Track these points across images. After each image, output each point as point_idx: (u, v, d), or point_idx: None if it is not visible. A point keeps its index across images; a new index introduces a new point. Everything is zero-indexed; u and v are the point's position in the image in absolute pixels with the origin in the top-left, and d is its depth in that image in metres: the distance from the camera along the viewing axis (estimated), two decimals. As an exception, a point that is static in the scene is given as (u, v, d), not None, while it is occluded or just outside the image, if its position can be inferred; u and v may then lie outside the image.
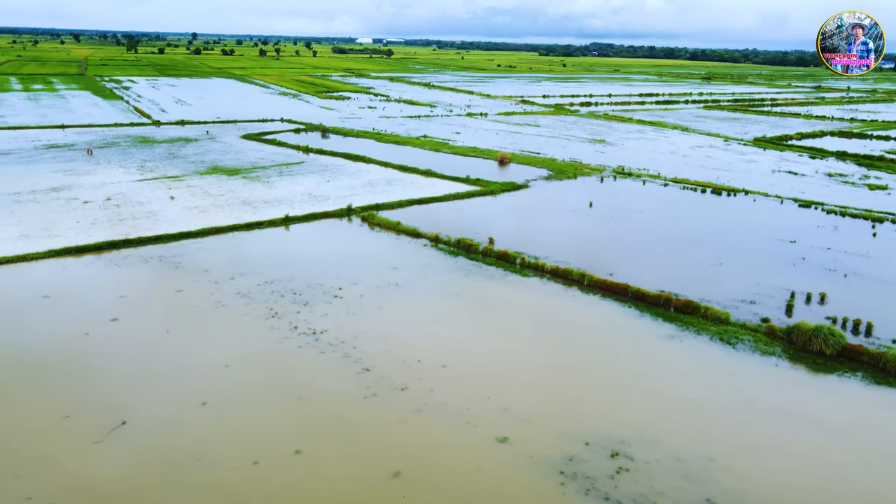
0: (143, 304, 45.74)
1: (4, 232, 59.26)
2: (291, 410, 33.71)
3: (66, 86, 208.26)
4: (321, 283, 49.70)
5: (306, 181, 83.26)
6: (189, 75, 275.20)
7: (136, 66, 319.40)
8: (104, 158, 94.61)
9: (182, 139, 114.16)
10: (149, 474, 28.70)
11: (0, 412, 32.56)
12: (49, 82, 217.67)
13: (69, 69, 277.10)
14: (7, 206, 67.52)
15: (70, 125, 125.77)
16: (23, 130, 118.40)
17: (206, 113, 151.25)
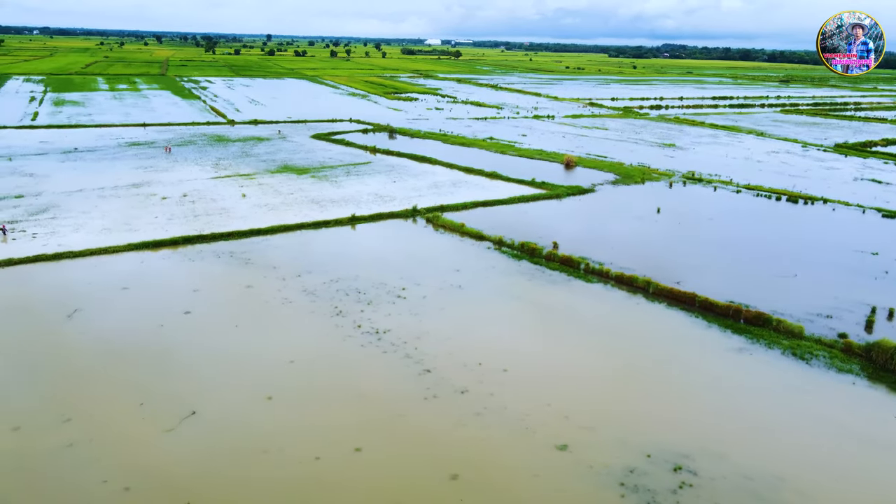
0: (214, 298, 47.34)
1: (89, 225, 62.36)
2: (353, 408, 34.27)
3: (149, 86, 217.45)
4: (385, 283, 50.33)
5: (373, 181, 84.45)
6: (263, 76, 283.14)
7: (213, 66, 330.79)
8: (181, 156, 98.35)
9: (255, 138, 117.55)
10: (216, 464, 29.71)
11: (82, 397, 34.29)
12: (133, 82, 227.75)
13: (151, 70, 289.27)
14: (92, 201, 71.01)
15: (151, 123, 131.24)
16: (108, 128, 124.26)
17: (278, 113, 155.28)
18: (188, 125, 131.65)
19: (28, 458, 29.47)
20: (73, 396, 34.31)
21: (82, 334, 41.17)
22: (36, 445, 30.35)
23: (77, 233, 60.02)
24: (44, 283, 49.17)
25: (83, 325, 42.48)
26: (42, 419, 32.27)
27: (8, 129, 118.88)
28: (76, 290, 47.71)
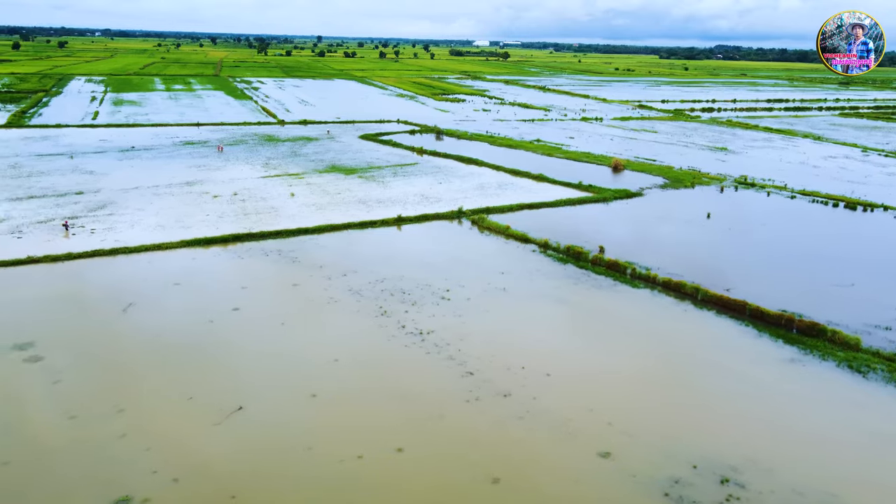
0: (262, 295, 48.23)
1: (144, 222, 64.26)
2: (395, 408, 34.49)
3: (203, 86, 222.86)
4: (430, 284, 50.51)
5: (419, 182, 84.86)
6: (313, 77, 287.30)
7: (265, 67, 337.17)
8: (233, 155, 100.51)
9: (304, 138, 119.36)
10: (261, 459, 30.25)
11: (135, 389, 35.34)
12: (188, 83, 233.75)
13: (206, 70, 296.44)
14: (147, 198, 73.14)
15: (204, 123, 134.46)
16: (163, 127, 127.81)
17: (327, 113, 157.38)
18: (240, 125, 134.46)
19: (83, 446, 30.50)
20: (126, 388, 35.38)
21: (136, 328, 42.43)
22: (90, 434, 31.38)
23: (132, 229, 61.89)
24: (101, 277, 50.83)
25: (137, 319, 43.77)
26: (97, 409, 33.36)
27: (70, 127, 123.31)
28: (131, 284, 49.19)
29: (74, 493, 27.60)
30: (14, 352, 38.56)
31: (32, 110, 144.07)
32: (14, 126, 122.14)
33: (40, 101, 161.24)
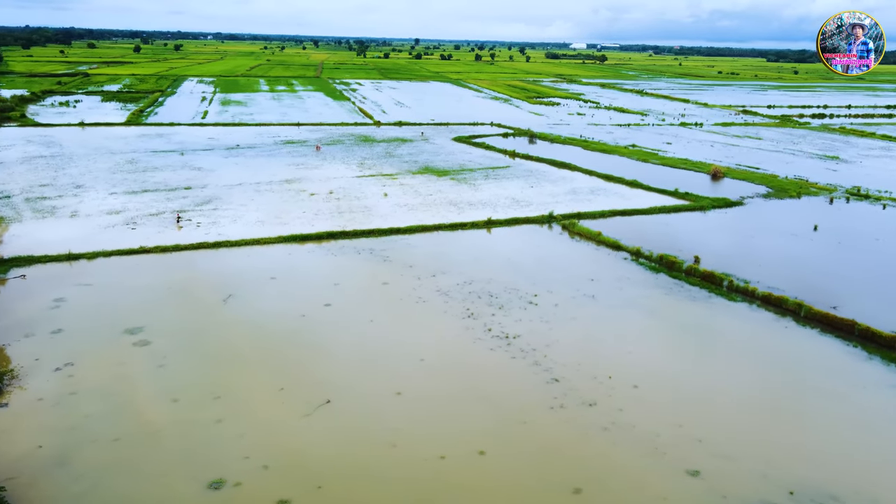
0: (353, 292, 49.48)
1: (245, 217, 67.25)
2: (478, 411, 34.58)
3: (304, 87, 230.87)
4: (517, 289, 50.33)
5: (511, 185, 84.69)
6: (409, 79, 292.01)
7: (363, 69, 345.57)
8: (330, 155, 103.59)
9: (398, 139, 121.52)
10: (346, 453, 31.05)
11: (231, 378, 37.07)
12: (290, 84, 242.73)
13: (307, 72, 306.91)
14: (249, 195, 76.50)
15: (304, 123, 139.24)
16: (266, 127, 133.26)
17: (421, 115, 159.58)
18: (337, 125, 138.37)
19: (182, 428, 32.27)
20: (223, 375, 37.15)
21: (234, 319, 44.48)
22: (190, 417, 33.16)
23: (234, 224, 64.89)
24: (204, 268, 53.58)
25: (236, 310, 45.87)
26: (196, 394, 35.21)
27: (182, 126, 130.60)
28: (231, 277, 51.59)
29: (174, 472, 29.23)
30: (125, 335, 41.26)
31: (149, 109, 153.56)
32: (132, 124, 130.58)
33: (156, 100, 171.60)
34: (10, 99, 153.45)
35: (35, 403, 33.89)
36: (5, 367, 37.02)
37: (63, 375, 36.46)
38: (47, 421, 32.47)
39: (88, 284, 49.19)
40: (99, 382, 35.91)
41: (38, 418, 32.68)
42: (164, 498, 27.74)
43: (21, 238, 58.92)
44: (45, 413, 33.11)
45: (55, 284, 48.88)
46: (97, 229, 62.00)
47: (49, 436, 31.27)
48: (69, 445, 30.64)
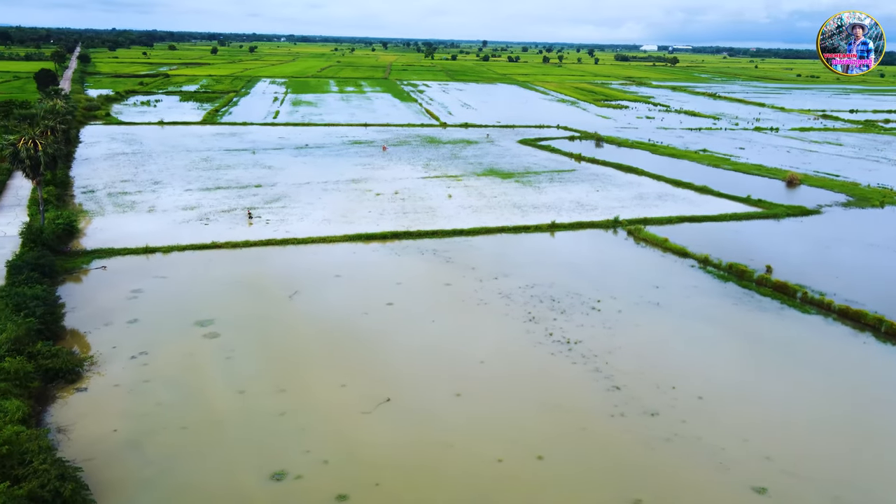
0: (415, 292, 49.90)
1: (313, 215, 68.74)
2: (537, 415, 34.35)
3: (372, 88, 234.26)
4: (580, 294, 49.76)
5: (576, 189, 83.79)
6: (476, 80, 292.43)
7: (430, 71, 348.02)
8: (396, 155, 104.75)
9: (464, 141, 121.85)
10: (404, 451, 31.35)
11: (295, 372, 37.95)
12: (359, 85, 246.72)
13: (376, 74, 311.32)
14: (317, 193, 78.14)
15: (371, 124, 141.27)
16: (335, 127, 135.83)
17: (487, 117, 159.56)
18: (404, 126, 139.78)
19: (248, 419, 33.23)
20: (287, 369, 38.08)
21: (299, 314, 45.53)
22: (255, 409, 34.13)
23: (302, 221, 66.40)
24: (272, 264, 55.02)
25: (301, 306, 46.95)
26: (262, 386, 36.21)
27: (254, 125, 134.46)
28: (297, 273, 52.82)
29: (238, 461, 30.14)
30: (196, 327, 42.79)
31: (224, 109, 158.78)
32: (208, 123, 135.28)
33: (231, 100, 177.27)
34: (97, 98, 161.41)
35: (112, 389, 35.53)
36: (86, 354, 38.96)
37: (138, 363, 38.10)
38: (122, 406, 34.00)
39: (163, 277, 51.24)
40: (171, 372, 37.37)
41: (114, 404, 34.25)
42: (228, 486, 28.64)
43: (103, 231, 61.84)
44: (121, 399, 34.67)
45: (133, 276, 51.11)
46: (173, 224, 64.50)
47: (123, 421, 32.73)
48: (141, 431, 32.00)
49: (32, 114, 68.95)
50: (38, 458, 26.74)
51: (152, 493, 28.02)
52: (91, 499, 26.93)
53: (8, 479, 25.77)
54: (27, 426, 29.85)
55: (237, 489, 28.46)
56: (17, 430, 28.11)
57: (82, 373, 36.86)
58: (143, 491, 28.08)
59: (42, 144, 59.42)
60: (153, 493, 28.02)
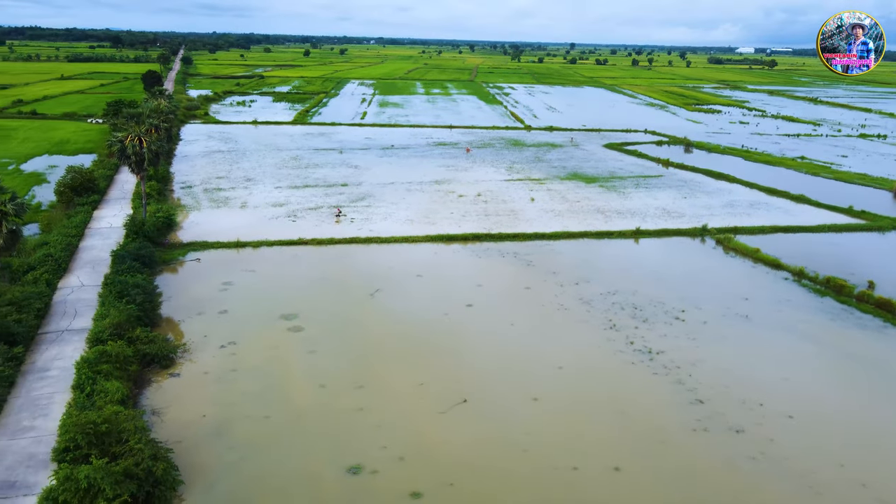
0: (494, 294, 49.86)
1: (396, 215, 69.81)
2: (615, 425, 33.66)
3: (458, 91, 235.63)
4: (663, 302, 48.43)
5: (662, 195, 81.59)
6: (562, 83, 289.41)
7: (516, 73, 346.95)
8: (479, 158, 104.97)
9: (548, 144, 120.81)
10: (479, 453, 31.37)
11: (374, 369, 38.64)
12: (445, 87, 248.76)
13: (462, 76, 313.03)
14: (400, 194, 79.31)
15: (456, 126, 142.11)
16: (420, 129, 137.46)
17: (572, 120, 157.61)
18: (488, 129, 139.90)
19: (327, 413, 34.10)
20: (367, 366, 38.82)
21: (380, 312, 46.33)
22: (334, 403, 34.97)
23: (385, 221, 67.55)
24: (356, 262, 56.23)
25: (382, 304, 47.76)
26: (341, 382, 37.06)
27: (342, 125, 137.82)
28: (379, 272, 53.76)
29: (316, 453, 30.97)
30: (281, 321, 44.26)
31: (314, 110, 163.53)
32: (298, 123, 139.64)
33: (321, 101, 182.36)
34: (197, 98, 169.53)
35: (202, 376, 37.23)
36: (179, 341, 40.99)
37: (226, 353, 39.76)
38: (211, 393, 35.56)
39: (252, 271, 53.25)
40: (256, 362, 38.80)
41: (204, 390, 35.87)
42: (306, 477, 29.47)
43: (198, 225, 64.88)
44: (210, 386, 36.27)
45: (224, 269, 53.37)
46: (262, 220, 66.95)
47: (211, 407, 34.23)
48: (227, 418, 33.37)
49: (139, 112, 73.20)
50: (134, 438, 28.32)
51: (234, 478, 29.17)
52: (180, 479, 28.32)
53: (106, 456, 27.42)
54: (125, 407, 31.69)
55: (314, 480, 29.25)
56: (116, 409, 29.88)
57: (176, 359, 38.80)
58: (227, 475, 29.27)
59: (147, 142, 62.91)
60: (235, 478, 29.17)
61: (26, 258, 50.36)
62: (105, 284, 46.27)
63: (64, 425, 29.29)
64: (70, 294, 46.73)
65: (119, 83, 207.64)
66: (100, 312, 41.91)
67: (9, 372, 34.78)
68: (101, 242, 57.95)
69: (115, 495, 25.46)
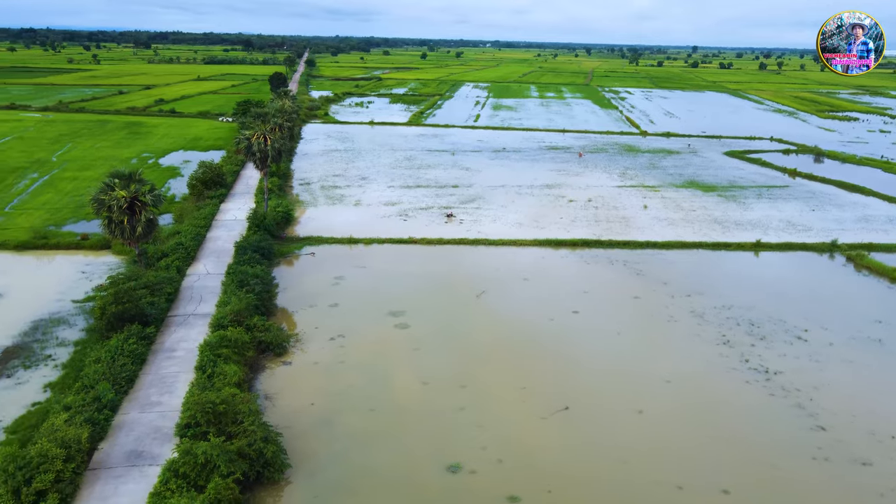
0: (601, 302, 48.83)
1: (505, 218, 69.80)
2: (725, 445, 32.10)
3: (572, 94, 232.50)
4: (784, 320, 45.70)
5: (787, 207, 77.00)
6: (682, 88, 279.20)
7: (634, 77, 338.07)
8: (592, 163, 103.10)
9: (664, 151, 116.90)
10: (579, 462, 30.83)
11: (477, 369, 38.82)
12: (559, 91, 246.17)
13: (577, 80, 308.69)
14: (510, 197, 79.23)
15: (569, 130, 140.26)
16: (532, 132, 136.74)
17: (691, 126, 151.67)
18: (602, 133, 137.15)
19: (429, 410, 34.59)
20: (470, 367, 39.06)
21: (486, 314, 46.48)
22: (437, 401, 35.43)
23: (494, 223, 67.68)
24: (463, 263, 56.70)
25: (488, 305, 47.91)
26: (444, 380, 37.50)
27: (455, 127, 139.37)
28: (486, 273, 53.93)
29: (417, 449, 31.50)
30: (389, 317, 45.33)
31: (428, 111, 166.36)
32: (413, 124, 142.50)
33: (435, 103, 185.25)
34: (318, 99, 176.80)
35: (312, 366, 38.77)
36: (292, 331, 42.88)
37: (336, 345, 41.19)
38: (320, 383, 36.96)
39: (363, 267, 54.87)
40: (363, 356, 39.96)
41: (313, 380, 37.34)
42: (406, 471, 30.04)
43: (314, 220, 67.60)
44: (319, 376, 37.71)
45: (337, 264, 55.32)
46: (374, 218, 68.83)
47: (320, 396, 35.58)
48: (334, 408, 34.56)
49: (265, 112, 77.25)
50: (248, 420, 29.94)
51: (339, 467, 30.17)
52: (288, 463, 29.64)
53: (223, 435, 29.12)
54: (241, 390, 33.53)
55: (414, 475, 29.76)
56: (232, 391, 31.68)
57: (288, 348, 40.62)
58: (331, 464, 30.32)
59: (271, 140, 66.26)
60: (340, 467, 30.16)
61: (160, 246, 54.36)
62: (228, 273, 49.15)
63: (186, 403, 31.39)
64: (196, 281, 49.96)
65: (248, 84, 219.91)
66: (222, 299, 44.60)
67: (141, 350, 37.68)
68: (226, 234, 61.58)
69: (228, 472, 27.00)
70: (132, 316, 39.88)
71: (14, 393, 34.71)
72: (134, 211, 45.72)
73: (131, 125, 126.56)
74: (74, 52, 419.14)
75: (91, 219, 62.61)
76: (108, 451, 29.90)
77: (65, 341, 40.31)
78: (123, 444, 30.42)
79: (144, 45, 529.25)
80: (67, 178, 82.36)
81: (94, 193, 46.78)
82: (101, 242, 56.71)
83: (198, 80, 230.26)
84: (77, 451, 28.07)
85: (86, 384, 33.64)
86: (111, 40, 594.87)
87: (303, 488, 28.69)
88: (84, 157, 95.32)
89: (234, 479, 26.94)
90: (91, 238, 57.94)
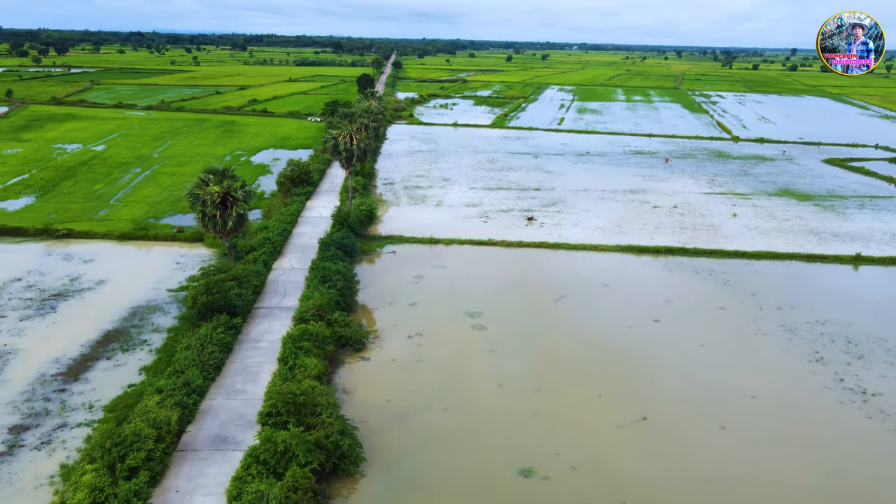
0: (685, 312, 47.36)
1: (587, 222, 68.77)
2: (815, 469, 30.52)
3: (660, 98, 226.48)
4: (885, 339, 43.02)
5: (892, 219, 72.43)
6: (778, 92, 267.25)
7: (726, 81, 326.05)
8: (679, 168, 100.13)
9: (757, 157, 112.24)
10: (656, 475, 29.97)
11: (553, 375, 38.43)
12: (647, 94, 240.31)
13: (665, 83, 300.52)
14: (593, 201, 77.98)
15: (656, 134, 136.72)
16: (617, 136, 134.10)
17: (787, 132, 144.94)
18: (690, 138, 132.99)
19: (503, 412, 34.48)
20: (546, 371, 38.69)
21: (564, 319, 45.93)
22: (511, 404, 35.28)
23: (575, 227, 66.78)
24: (542, 267, 56.22)
25: (566, 310, 47.32)
26: (520, 383, 37.29)
27: (539, 130, 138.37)
28: (565, 278, 53.28)
29: (490, 450, 31.45)
30: (466, 318, 45.48)
31: (512, 114, 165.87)
32: (496, 126, 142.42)
33: (519, 106, 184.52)
34: (404, 100, 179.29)
35: (389, 363, 39.36)
36: (371, 328, 43.68)
37: (413, 343, 41.66)
38: (397, 380, 37.47)
39: (443, 267, 55.26)
40: (440, 355, 40.24)
41: (390, 376, 37.89)
42: (478, 472, 30.04)
43: (396, 220, 68.60)
44: (396, 373, 38.24)
45: (417, 263, 55.94)
46: (455, 219, 69.19)
47: (396, 393, 36.07)
48: (410, 406, 34.96)
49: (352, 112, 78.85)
50: (326, 412, 30.69)
51: (413, 463, 30.49)
52: (363, 456, 30.20)
53: (302, 425, 29.98)
54: (320, 382, 34.43)
55: (486, 476, 29.73)
56: (312, 384, 32.55)
57: (367, 344, 41.39)
58: (406, 460, 30.68)
59: (357, 139, 67.69)
60: (413, 463, 30.48)
61: (249, 240, 56.51)
62: (311, 269, 50.58)
63: (268, 392, 32.51)
64: (282, 275, 51.64)
65: (336, 85, 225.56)
66: (305, 294, 45.94)
67: (229, 339, 39.29)
68: (311, 230, 63.37)
69: (306, 462, 27.78)
70: (221, 306, 41.65)
71: (113, 374, 36.88)
72: (226, 206, 47.71)
73: (226, 124, 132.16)
74: (177, 54, 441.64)
75: (187, 212, 65.84)
76: (195, 434, 31.33)
77: (159, 327, 42.52)
78: (209, 429, 31.80)
79: (241, 48, 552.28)
80: (167, 174, 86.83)
81: (190, 188, 49.10)
82: (195, 235, 59.53)
83: (289, 82, 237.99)
84: (167, 433, 29.56)
85: (177, 369, 35.38)
86: (210, 43, 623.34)
87: (377, 482, 29.17)
88: (182, 154, 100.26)
89: (311, 469, 27.69)
90: (186, 231, 60.91)
